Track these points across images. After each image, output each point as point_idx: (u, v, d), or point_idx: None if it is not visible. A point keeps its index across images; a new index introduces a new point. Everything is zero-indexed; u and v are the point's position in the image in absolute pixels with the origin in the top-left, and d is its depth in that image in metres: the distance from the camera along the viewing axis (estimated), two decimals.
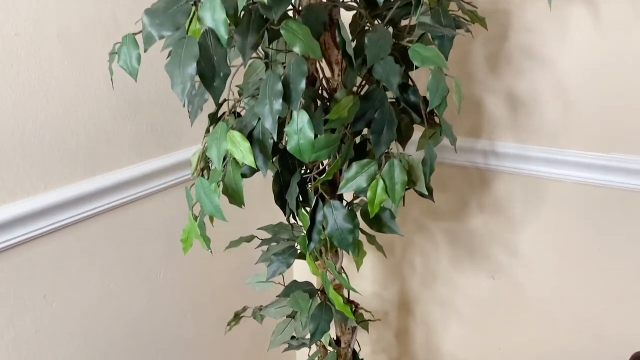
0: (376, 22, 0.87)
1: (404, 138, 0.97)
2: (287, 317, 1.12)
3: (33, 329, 0.93)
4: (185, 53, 0.60)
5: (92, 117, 0.96)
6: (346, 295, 1.04)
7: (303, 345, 1.12)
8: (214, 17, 0.61)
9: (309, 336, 0.97)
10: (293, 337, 1.12)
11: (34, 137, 0.88)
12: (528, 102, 1.15)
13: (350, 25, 0.92)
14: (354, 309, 1.07)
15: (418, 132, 0.95)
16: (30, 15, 0.85)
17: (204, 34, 0.62)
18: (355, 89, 0.87)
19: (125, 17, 0.98)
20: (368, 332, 1.16)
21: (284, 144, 0.75)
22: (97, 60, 0.96)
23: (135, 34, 0.77)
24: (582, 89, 1.09)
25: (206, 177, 0.83)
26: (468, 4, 0.94)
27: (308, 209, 0.86)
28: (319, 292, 1.02)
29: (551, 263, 1.21)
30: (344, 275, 0.97)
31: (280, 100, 0.64)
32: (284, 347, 1.13)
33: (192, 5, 0.62)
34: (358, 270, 1.02)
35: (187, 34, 0.62)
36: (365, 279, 1.49)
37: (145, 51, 0.64)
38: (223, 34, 0.61)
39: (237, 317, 1.15)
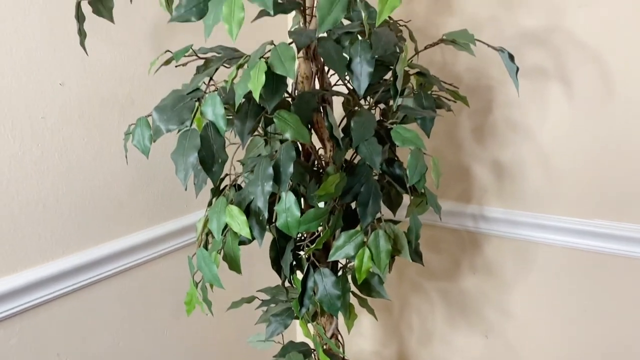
0: (365, 103, 0.97)
1: (393, 205, 1.04)
2: None
3: None
4: (189, 143, 0.69)
5: (107, 188, 1.06)
6: (341, 355, 1.09)
7: None
8: (214, 112, 0.71)
9: None
10: None
11: (54, 207, 0.97)
12: (513, 170, 1.23)
13: (343, 104, 1.01)
14: None
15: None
16: (56, 99, 0.95)
17: (205, 126, 0.71)
18: (348, 157, 0.96)
19: (139, 98, 1.09)
20: None
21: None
22: (114, 136, 1.06)
23: (147, 116, 0.87)
24: (562, 158, 1.17)
25: (209, 242, 0.91)
26: (450, 84, 1.03)
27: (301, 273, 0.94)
28: (314, 352, 1.07)
29: (541, 324, 1.26)
30: (339, 336, 1.03)
31: (271, 182, 0.73)
32: None
33: (196, 101, 0.72)
34: (349, 332, 1.08)
35: (191, 126, 0.72)
36: (365, 337, 1.54)
37: (154, 141, 0.74)
38: (222, 125, 0.71)
39: None
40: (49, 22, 0.93)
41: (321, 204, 0.89)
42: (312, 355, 1.06)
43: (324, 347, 1.05)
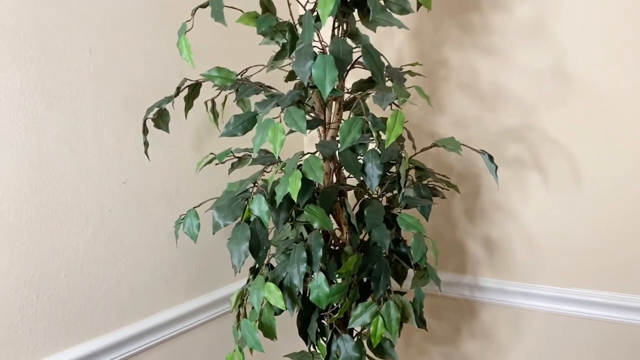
0: (373, 192, 1.17)
1: (400, 278, 1.22)
2: None
3: None
4: (241, 235, 0.89)
5: (156, 267, 1.24)
6: None
7: None
8: (260, 209, 0.91)
9: None
10: None
11: (115, 286, 1.15)
12: (501, 245, 1.42)
13: (355, 192, 1.22)
14: None
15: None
16: (120, 195, 1.16)
17: (253, 220, 0.91)
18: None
19: (184, 190, 1.29)
20: None
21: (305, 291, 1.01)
22: (162, 223, 1.25)
23: (195, 207, 1.07)
24: (543, 235, 1.36)
25: (241, 313, 1.08)
26: (442, 175, 1.24)
27: (325, 339, 1.11)
28: None
29: None
30: None
31: (305, 264, 0.92)
32: None
33: (245, 201, 0.92)
34: None
35: (241, 221, 0.91)
36: None
37: (214, 234, 0.93)
38: (266, 220, 0.91)
39: None
40: (117, 132, 1.14)
41: (339, 280, 1.08)
42: None
43: None
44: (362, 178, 0.99)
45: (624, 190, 1.25)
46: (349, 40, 1.06)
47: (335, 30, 1.05)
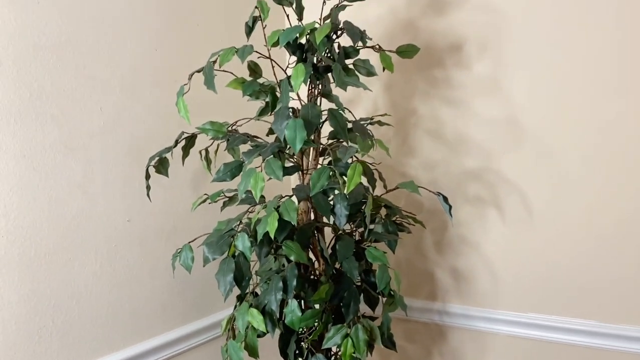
0: (348, 228, 1.33)
1: (372, 304, 1.38)
2: None
3: None
4: (227, 267, 1.05)
5: (156, 295, 1.40)
6: None
7: None
8: (243, 245, 1.08)
9: None
10: None
11: (119, 312, 1.31)
12: (466, 274, 1.58)
13: (332, 230, 1.38)
14: None
15: None
16: (125, 232, 1.32)
17: (237, 255, 1.08)
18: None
19: (180, 226, 1.46)
20: None
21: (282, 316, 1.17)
22: (161, 256, 1.42)
23: (190, 242, 1.24)
24: (502, 264, 1.52)
25: (231, 336, 1.23)
26: (409, 213, 1.40)
27: (301, 359, 1.26)
28: None
29: None
30: None
31: (281, 292, 1.08)
32: None
33: (231, 238, 1.09)
34: None
35: (227, 255, 1.08)
36: None
37: (204, 266, 1.10)
38: (248, 254, 1.07)
39: None
40: (123, 177, 1.32)
41: (316, 306, 1.23)
42: None
43: None
44: (332, 217, 1.16)
45: (569, 224, 1.42)
46: (324, 100, 1.25)
47: (311, 92, 1.23)
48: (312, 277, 1.31)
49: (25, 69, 1.12)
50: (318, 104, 1.27)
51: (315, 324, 1.26)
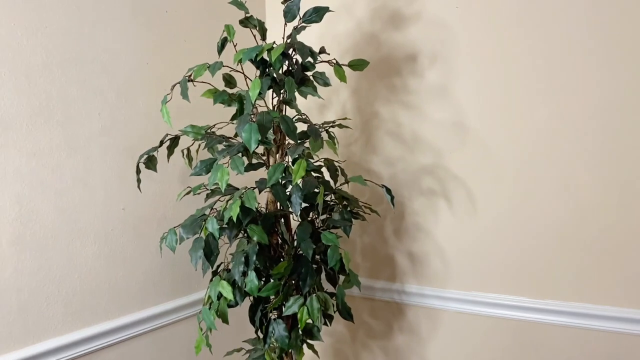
0: (310, 216, 1.56)
1: (333, 282, 1.60)
2: None
3: None
4: (197, 244, 1.28)
5: (147, 273, 1.64)
6: None
7: None
8: (212, 227, 1.30)
9: None
10: None
11: (116, 286, 1.55)
12: (421, 258, 1.79)
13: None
14: None
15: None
16: (120, 218, 1.56)
17: (207, 235, 1.31)
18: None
19: (170, 215, 1.70)
20: None
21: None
22: (152, 240, 1.65)
23: (175, 227, 1.47)
24: (450, 249, 1.73)
25: (208, 305, 1.46)
26: (365, 203, 1.62)
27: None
28: None
29: None
30: None
31: (243, 265, 1.31)
32: None
33: (203, 221, 1.32)
34: (300, 359, 1.60)
35: (200, 234, 1.31)
36: None
37: (180, 244, 1.33)
38: (216, 235, 1.30)
39: None
40: (118, 172, 1.55)
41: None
42: None
43: None
44: (289, 206, 1.38)
45: (506, 213, 1.62)
46: (288, 109, 1.47)
47: (274, 100, 1.46)
48: (277, 256, 1.53)
49: (35, 82, 1.36)
50: (282, 110, 1.49)
51: (275, 294, 1.48)
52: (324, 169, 1.53)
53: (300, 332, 1.50)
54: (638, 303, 1.46)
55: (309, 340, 1.54)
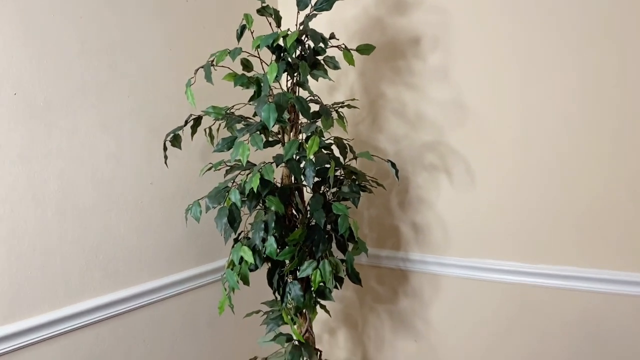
0: (322, 190, 1.70)
1: (343, 249, 1.75)
2: None
3: None
4: (222, 213, 1.43)
5: (174, 242, 1.80)
6: (315, 341, 1.76)
7: None
8: (235, 198, 1.45)
9: None
10: None
11: (145, 254, 1.71)
12: (424, 228, 1.94)
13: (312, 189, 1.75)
14: (319, 354, 1.79)
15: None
16: (149, 192, 1.71)
17: (231, 205, 1.46)
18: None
19: (192, 189, 1.85)
20: None
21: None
22: (177, 211, 1.81)
23: (199, 199, 1.62)
24: (451, 219, 1.87)
25: (230, 267, 1.62)
26: (372, 177, 1.76)
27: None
28: (296, 340, 1.75)
29: (451, 329, 1.92)
30: (312, 332, 1.72)
31: (263, 232, 1.46)
32: None
33: (226, 192, 1.47)
34: (312, 320, 1.75)
35: (223, 204, 1.46)
36: (341, 348, 2.19)
37: (206, 213, 1.49)
38: (239, 204, 1.45)
39: None
40: (147, 149, 1.70)
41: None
42: (293, 341, 1.74)
43: (304, 336, 1.73)
44: (303, 179, 1.53)
45: (502, 185, 1.76)
46: (301, 90, 1.61)
47: (288, 82, 1.60)
48: (292, 226, 1.68)
49: (73, 68, 1.51)
50: (295, 92, 1.63)
51: (291, 259, 1.63)
52: (334, 147, 1.67)
53: (313, 293, 1.65)
54: (622, 265, 1.60)
55: (321, 301, 1.70)
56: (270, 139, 1.66)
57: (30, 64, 1.41)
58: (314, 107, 1.78)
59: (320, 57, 1.62)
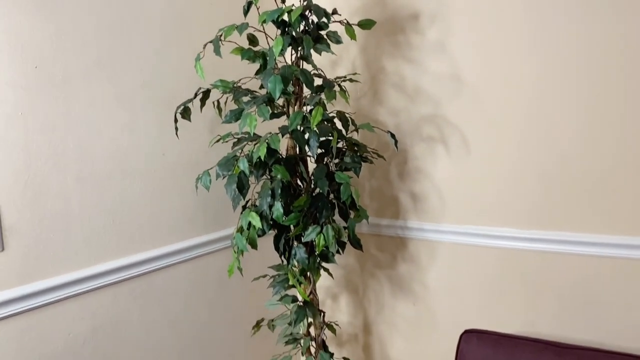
0: (325, 160, 1.79)
1: (345, 217, 1.85)
2: (287, 325, 1.96)
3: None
4: (231, 180, 1.53)
5: (184, 209, 1.90)
6: (319, 304, 1.87)
7: (295, 339, 1.94)
8: (243, 166, 1.55)
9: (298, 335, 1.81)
10: (290, 334, 1.94)
11: (158, 220, 1.81)
12: (421, 197, 2.03)
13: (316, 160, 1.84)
14: (322, 315, 1.90)
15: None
16: (161, 162, 1.81)
17: (240, 172, 1.55)
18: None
19: (201, 159, 1.94)
20: (334, 333, 1.98)
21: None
22: (187, 180, 1.90)
23: (209, 169, 1.71)
24: (447, 188, 1.97)
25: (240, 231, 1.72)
26: (373, 149, 1.85)
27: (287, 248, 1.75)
28: (302, 301, 1.86)
29: (448, 295, 2.03)
30: (316, 295, 1.83)
31: (270, 198, 1.56)
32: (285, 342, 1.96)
33: (235, 161, 1.57)
34: (316, 282, 1.86)
35: (233, 172, 1.55)
36: (343, 312, 2.31)
37: (217, 179, 1.58)
38: (247, 172, 1.54)
39: (258, 324, 1.98)
40: (159, 121, 1.79)
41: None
42: (298, 302, 1.85)
43: (309, 297, 1.83)
44: (307, 149, 1.62)
45: (495, 155, 1.85)
46: (305, 64, 1.69)
47: (292, 56, 1.68)
48: (297, 194, 1.78)
49: (90, 42, 1.59)
50: (299, 65, 1.71)
51: (296, 224, 1.73)
52: (336, 120, 1.76)
53: (317, 256, 1.76)
54: (609, 229, 1.70)
55: (324, 264, 1.80)
56: (276, 111, 1.74)
57: (50, 39, 1.49)
58: (318, 81, 1.87)
59: (323, 32, 1.69)
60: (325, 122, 1.68)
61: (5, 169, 1.41)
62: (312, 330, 1.94)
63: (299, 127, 1.62)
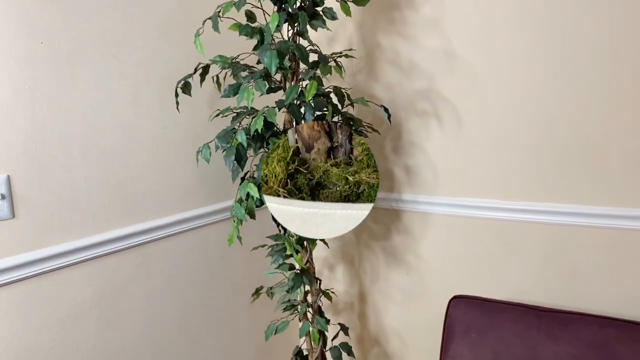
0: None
1: None
2: (285, 292, 2.04)
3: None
4: (230, 152, 1.59)
5: (185, 181, 1.97)
6: (315, 272, 1.95)
7: (292, 306, 2.03)
8: (242, 138, 1.61)
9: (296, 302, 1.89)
10: (288, 301, 2.03)
11: (160, 192, 1.88)
12: (415, 170, 2.10)
13: None
14: (319, 282, 1.98)
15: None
16: (163, 135, 1.87)
17: (238, 144, 1.61)
18: None
19: (202, 133, 2.01)
20: (331, 301, 2.06)
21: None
22: (189, 153, 1.97)
23: (208, 142, 1.78)
24: (440, 161, 2.03)
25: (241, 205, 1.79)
26: (368, 123, 1.91)
27: None
28: (299, 269, 1.94)
29: (440, 265, 2.10)
30: (312, 264, 1.91)
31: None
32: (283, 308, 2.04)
33: (234, 134, 1.63)
34: (312, 250, 1.93)
35: (231, 144, 1.62)
36: (339, 282, 2.39)
37: (216, 151, 1.64)
38: (244, 144, 1.61)
39: (257, 291, 2.07)
40: (161, 96, 1.85)
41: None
42: (295, 269, 1.93)
43: (305, 265, 1.91)
44: (303, 122, 1.68)
45: (486, 129, 1.91)
46: (301, 39, 1.74)
47: (289, 32, 1.73)
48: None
49: (94, 20, 1.64)
50: (296, 41, 1.76)
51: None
52: (332, 95, 1.82)
53: None
54: (595, 201, 1.76)
55: None
56: (273, 86, 1.80)
57: (56, 17, 1.54)
58: (313, 57, 1.93)
59: (319, 8, 1.74)
60: (322, 97, 1.74)
61: (14, 140, 1.48)
62: (309, 297, 2.02)
63: (295, 101, 1.68)
